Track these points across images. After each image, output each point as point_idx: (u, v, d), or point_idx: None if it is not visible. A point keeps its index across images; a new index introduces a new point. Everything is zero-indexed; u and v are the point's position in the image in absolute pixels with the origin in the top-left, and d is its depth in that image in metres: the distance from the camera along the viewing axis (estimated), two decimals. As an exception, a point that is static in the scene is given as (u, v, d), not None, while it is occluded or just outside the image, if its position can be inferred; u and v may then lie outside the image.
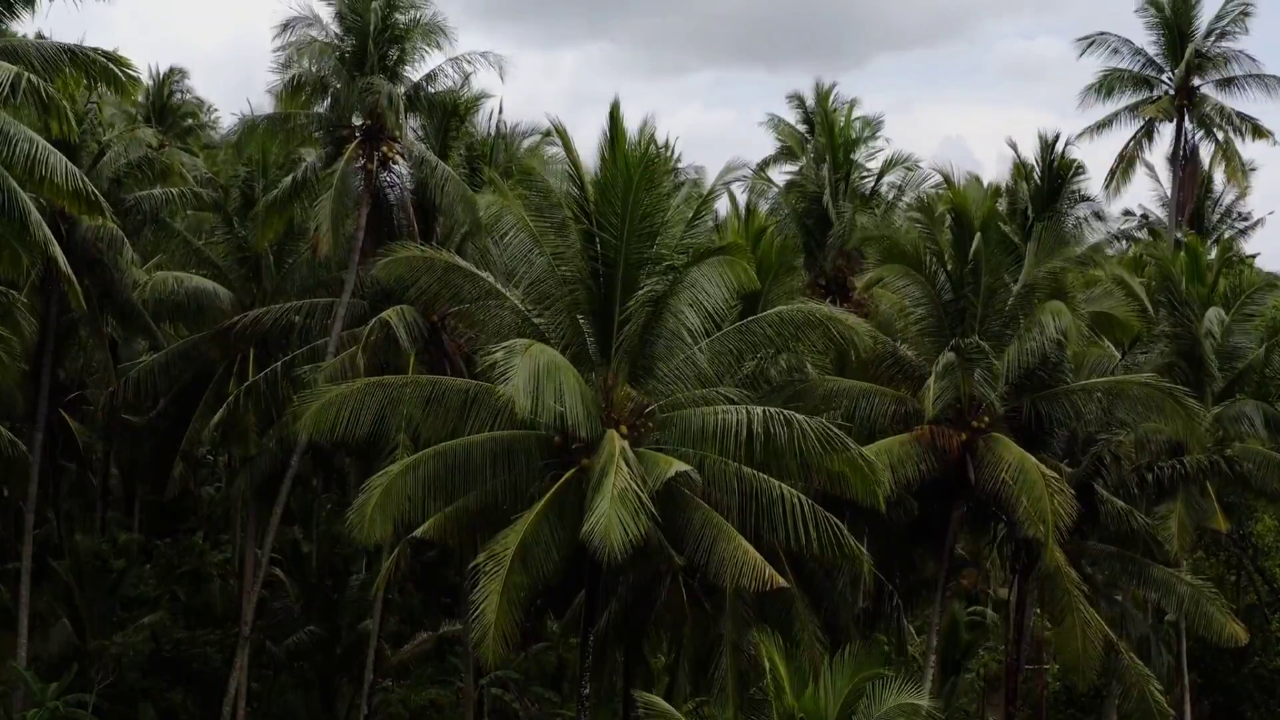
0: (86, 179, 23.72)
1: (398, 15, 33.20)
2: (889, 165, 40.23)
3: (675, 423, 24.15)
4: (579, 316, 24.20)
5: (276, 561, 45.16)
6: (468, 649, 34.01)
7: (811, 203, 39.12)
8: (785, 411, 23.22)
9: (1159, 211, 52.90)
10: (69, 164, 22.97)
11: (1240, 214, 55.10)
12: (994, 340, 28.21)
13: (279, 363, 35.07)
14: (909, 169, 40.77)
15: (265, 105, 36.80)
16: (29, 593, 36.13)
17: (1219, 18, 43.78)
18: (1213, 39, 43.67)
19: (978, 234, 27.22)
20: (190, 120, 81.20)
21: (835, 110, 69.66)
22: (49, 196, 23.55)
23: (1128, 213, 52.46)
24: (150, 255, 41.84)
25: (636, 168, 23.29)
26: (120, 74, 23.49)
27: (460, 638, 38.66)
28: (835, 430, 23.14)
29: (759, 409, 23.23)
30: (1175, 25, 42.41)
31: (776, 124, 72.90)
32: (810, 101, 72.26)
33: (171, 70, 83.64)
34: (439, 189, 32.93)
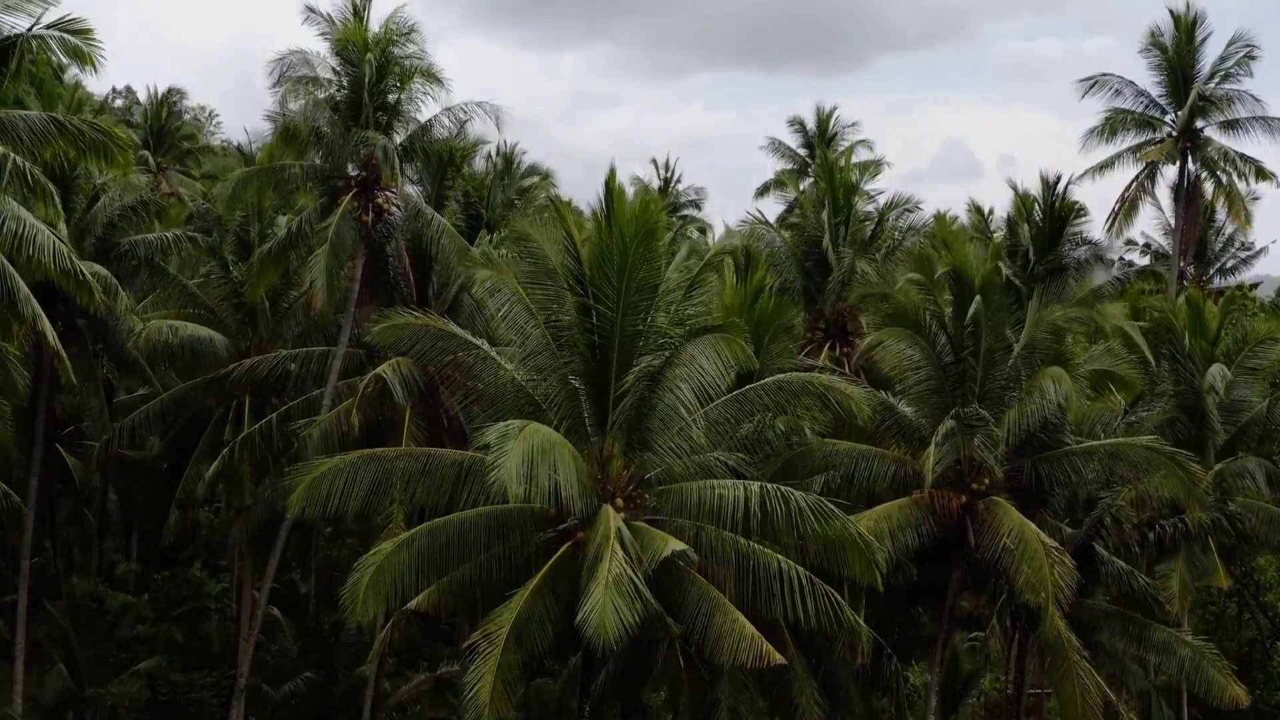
0: (74, 257, 23.46)
1: (393, 65, 32.90)
2: (889, 208, 39.91)
3: (672, 495, 23.93)
4: (575, 386, 23.95)
5: (275, 598, 44.95)
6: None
7: (811, 245, 38.80)
8: (782, 488, 22.97)
9: (1161, 239, 52.67)
10: (56, 243, 22.73)
11: (1242, 243, 54.91)
12: (994, 401, 27.98)
13: (274, 414, 34.86)
14: (909, 210, 40.48)
15: (265, 127, 36.38)
16: (24, 635, 35.95)
17: (1223, 59, 43.41)
18: (1216, 81, 43.27)
19: (977, 297, 26.94)
20: (188, 143, 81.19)
21: (835, 152, 69.98)
22: (37, 273, 23.31)
23: (1130, 242, 52.21)
24: (147, 294, 41.66)
25: (633, 240, 23.05)
26: (112, 145, 23.18)
27: (459, 679, 38.43)
28: (832, 508, 22.88)
29: (755, 485, 23.00)
30: (1179, 67, 41.94)
31: (777, 147, 73.03)
32: (810, 125, 72.55)
33: (169, 91, 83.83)
34: (435, 241, 32.69)
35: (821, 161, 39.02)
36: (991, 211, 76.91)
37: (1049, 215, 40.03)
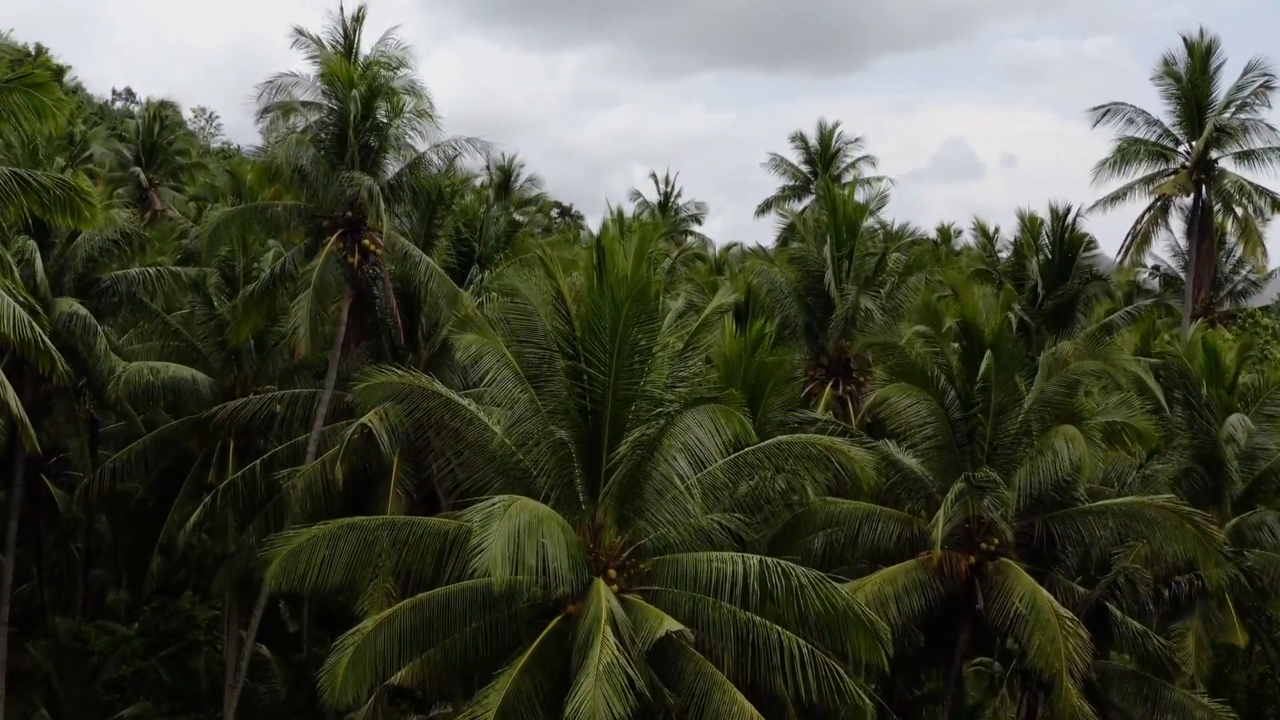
0: (36, 327, 22.36)
1: (380, 100, 31.75)
2: (894, 240, 38.77)
3: (668, 566, 22.83)
4: (566, 453, 22.84)
5: (264, 632, 43.87)
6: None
7: (812, 281, 37.66)
8: (783, 563, 21.87)
9: (1170, 259, 51.46)
10: (16, 309, 21.63)
11: (1253, 265, 53.72)
12: (1004, 457, 26.89)
13: (258, 460, 33.77)
14: (916, 242, 39.35)
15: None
16: (3, 679, 34.96)
17: (1239, 89, 42.01)
18: (1232, 110, 41.90)
19: (988, 352, 25.78)
20: (181, 158, 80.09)
21: (838, 168, 68.84)
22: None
23: (1138, 262, 50.94)
24: (129, 328, 40.60)
25: (625, 300, 21.92)
26: (79, 201, 22.09)
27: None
28: (835, 586, 21.76)
29: (755, 560, 21.88)
30: (1194, 96, 40.59)
31: (778, 163, 71.94)
32: (813, 139, 71.47)
33: (161, 105, 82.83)
34: (423, 284, 31.57)
35: (824, 194, 37.81)
36: (997, 230, 76.07)
37: (1058, 247, 38.91)
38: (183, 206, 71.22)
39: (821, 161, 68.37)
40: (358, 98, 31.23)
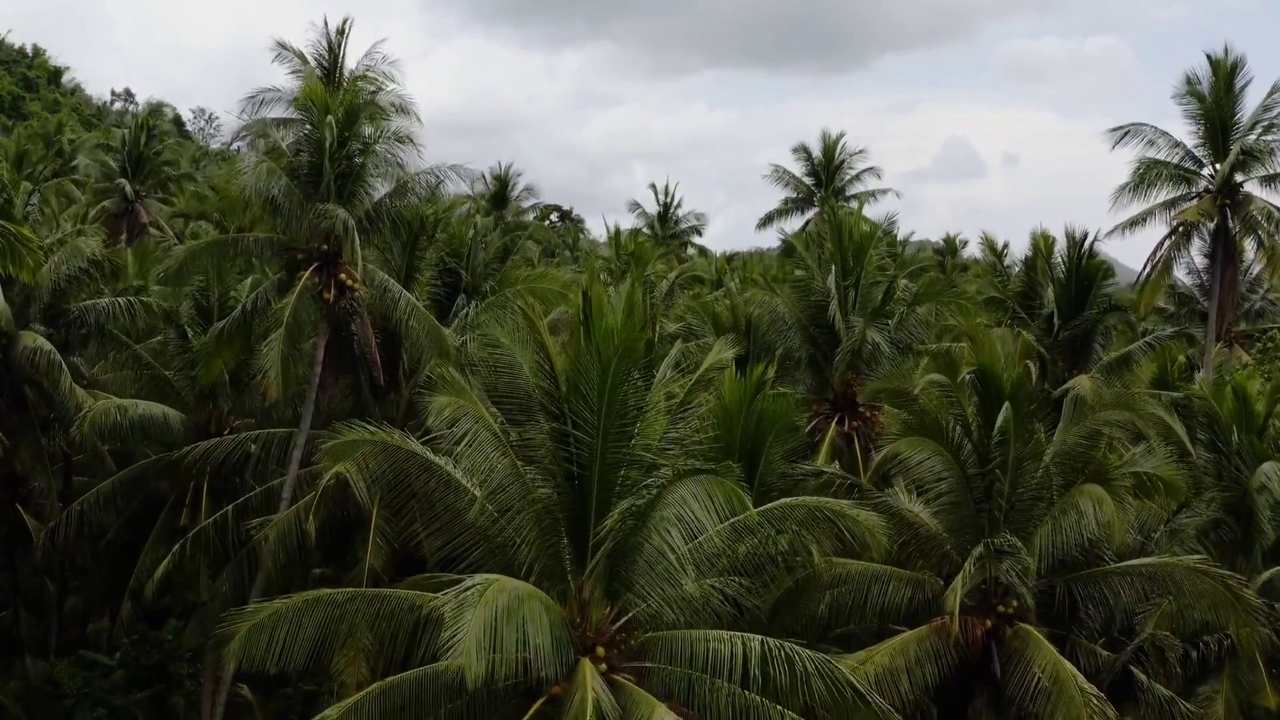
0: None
1: (359, 128, 29.88)
2: (901, 268, 36.89)
3: (661, 643, 21.00)
4: (551, 522, 21.03)
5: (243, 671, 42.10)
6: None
7: (816, 310, 35.80)
8: (787, 647, 20.04)
9: (1184, 276, 49.48)
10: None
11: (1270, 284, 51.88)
12: (1024, 514, 25.05)
13: (230, 506, 31.96)
14: (925, 267, 37.48)
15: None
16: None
17: (1265, 109, 39.75)
18: (1259, 132, 39.70)
19: (1006, 404, 23.92)
20: (169, 168, 78.28)
21: (844, 196, 66.97)
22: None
23: (1157, 295, 48.89)
24: (101, 359, 38.83)
25: (614, 357, 20.09)
26: (21, 249, 20.29)
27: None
28: (843, 672, 19.92)
29: (756, 643, 20.07)
30: (1218, 117, 38.49)
31: (780, 175, 70.07)
32: (816, 150, 69.58)
33: (150, 114, 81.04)
34: (403, 321, 29.71)
35: (830, 219, 35.88)
36: (1006, 246, 74.17)
37: (1074, 275, 37.08)
38: (169, 219, 69.49)
39: (825, 173, 66.49)
40: (333, 124, 29.31)
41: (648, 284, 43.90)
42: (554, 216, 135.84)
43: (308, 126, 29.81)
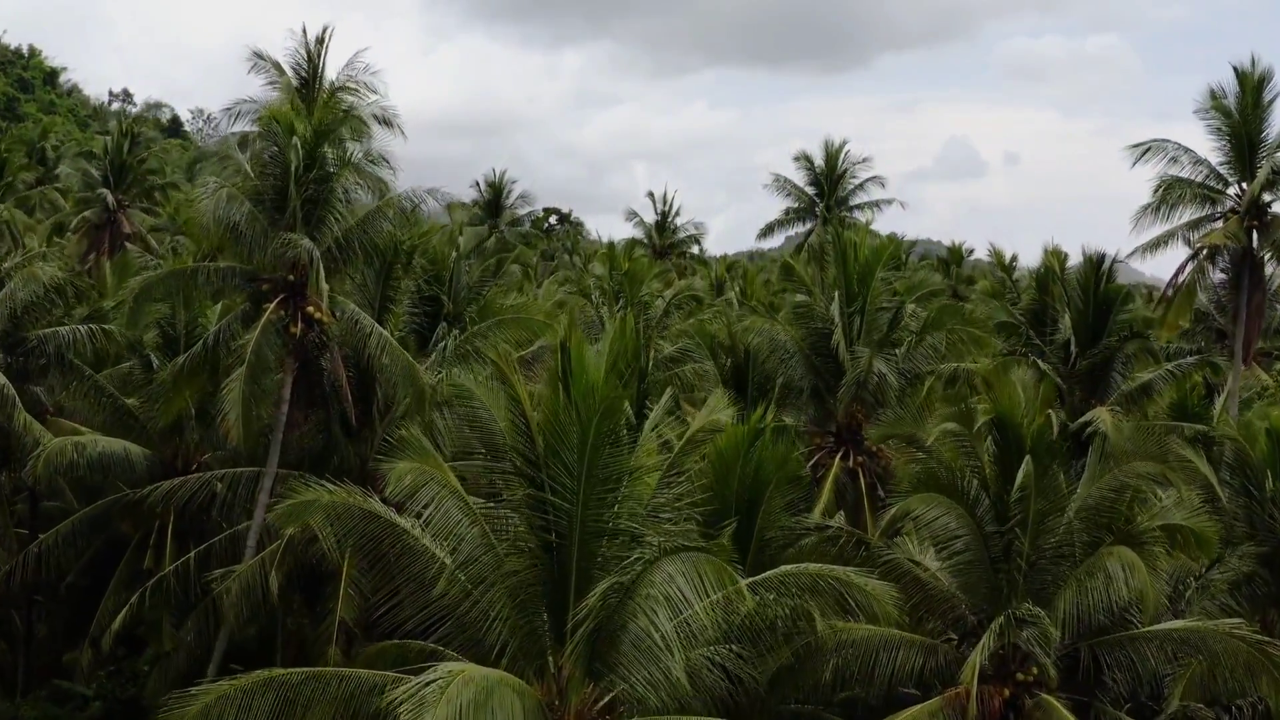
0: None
1: (328, 150, 27.82)
2: (909, 292, 34.84)
3: (647, 730, 18.98)
4: (526, 597, 19.02)
5: None
6: None
7: (819, 339, 33.75)
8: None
9: (1201, 294, 47.32)
10: None
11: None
12: (1045, 575, 23.01)
13: (192, 553, 29.95)
14: (935, 291, 35.42)
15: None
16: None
17: (1296, 124, 37.41)
18: (1289, 147, 37.18)
19: (1027, 458, 21.86)
20: (154, 177, 76.20)
21: (848, 206, 64.85)
22: None
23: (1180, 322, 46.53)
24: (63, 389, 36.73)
25: (595, 415, 18.08)
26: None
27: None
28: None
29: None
30: (1244, 133, 36.28)
31: (782, 185, 67.96)
32: (819, 160, 67.47)
33: (135, 120, 78.84)
34: (374, 357, 27.67)
35: (834, 241, 33.75)
36: (1014, 259, 72.00)
37: (1091, 301, 34.96)
38: (151, 231, 67.49)
39: (827, 182, 64.37)
40: (298, 146, 27.21)
41: (642, 305, 41.91)
42: (553, 219, 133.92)
43: (273, 147, 27.73)
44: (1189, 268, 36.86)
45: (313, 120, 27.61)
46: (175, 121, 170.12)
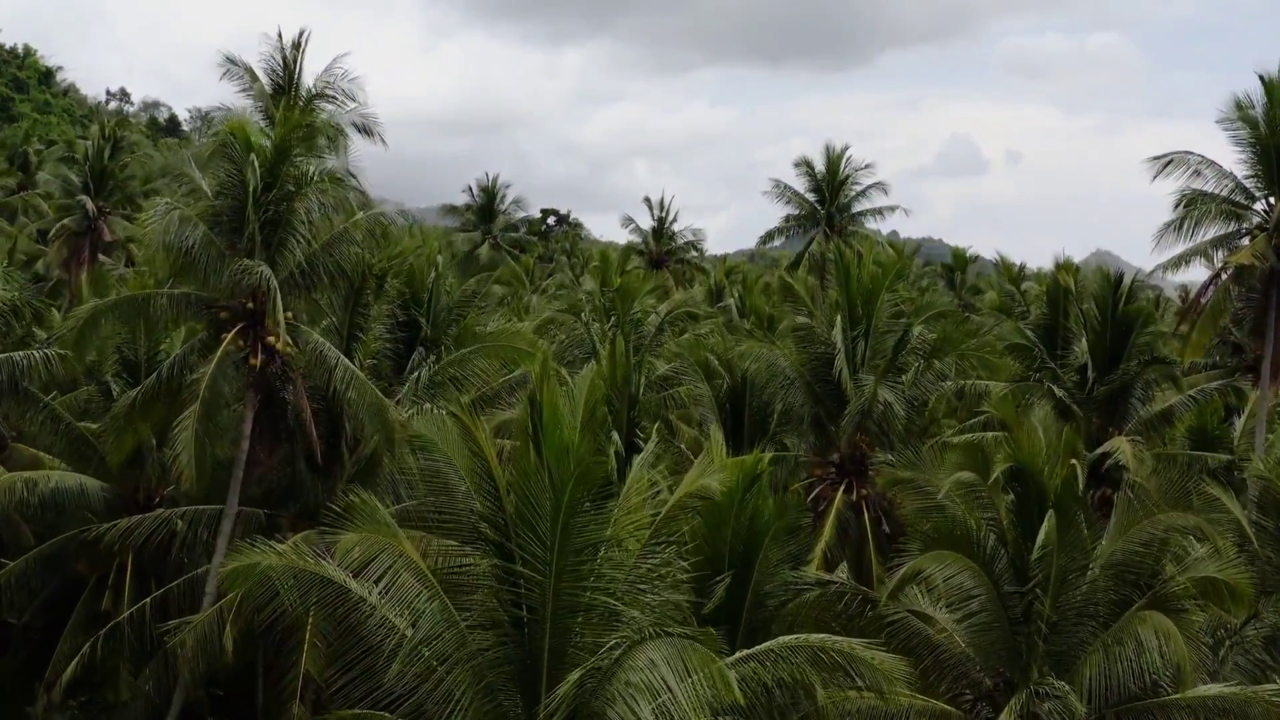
0: None
1: (289, 168, 25.74)
2: (916, 313, 32.78)
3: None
4: (492, 679, 17.02)
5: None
6: None
7: (821, 364, 31.70)
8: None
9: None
10: None
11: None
12: (1068, 638, 21.00)
13: (148, 600, 27.94)
14: (944, 311, 33.36)
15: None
16: None
17: (1329, 136, 35.05)
18: (1321, 161, 34.90)
19: (1050, 514, 19.83)
20: (134, 182, 74.17)
21: (850, 212, 62.76)
22: None
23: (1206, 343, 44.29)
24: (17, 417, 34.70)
25: (569, 480, 16.05)
26: None
27: None
28: None
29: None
30: (1273, 145, 34.08)
31: (782, 191, 65.76)
32: (820, 167, 65.30)
33: (116, 125, 76.74)
34: (340, 391, 25.63)
35: (836, 261, 31.64)
36: (1023, 268, 69.94)
37: (1109, 323, 32.91)
38: (127, 242, 65.51)
39: (829, 189, 62.18)
40: (255, 164, 25.09)
41: (634, 323, 39.89)
42: (550, 220, 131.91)
43: (226, 169, 25.68)
44: (1212, 289, 34.73)
45: (275, 136, 25.50)
46: (173, 120, 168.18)
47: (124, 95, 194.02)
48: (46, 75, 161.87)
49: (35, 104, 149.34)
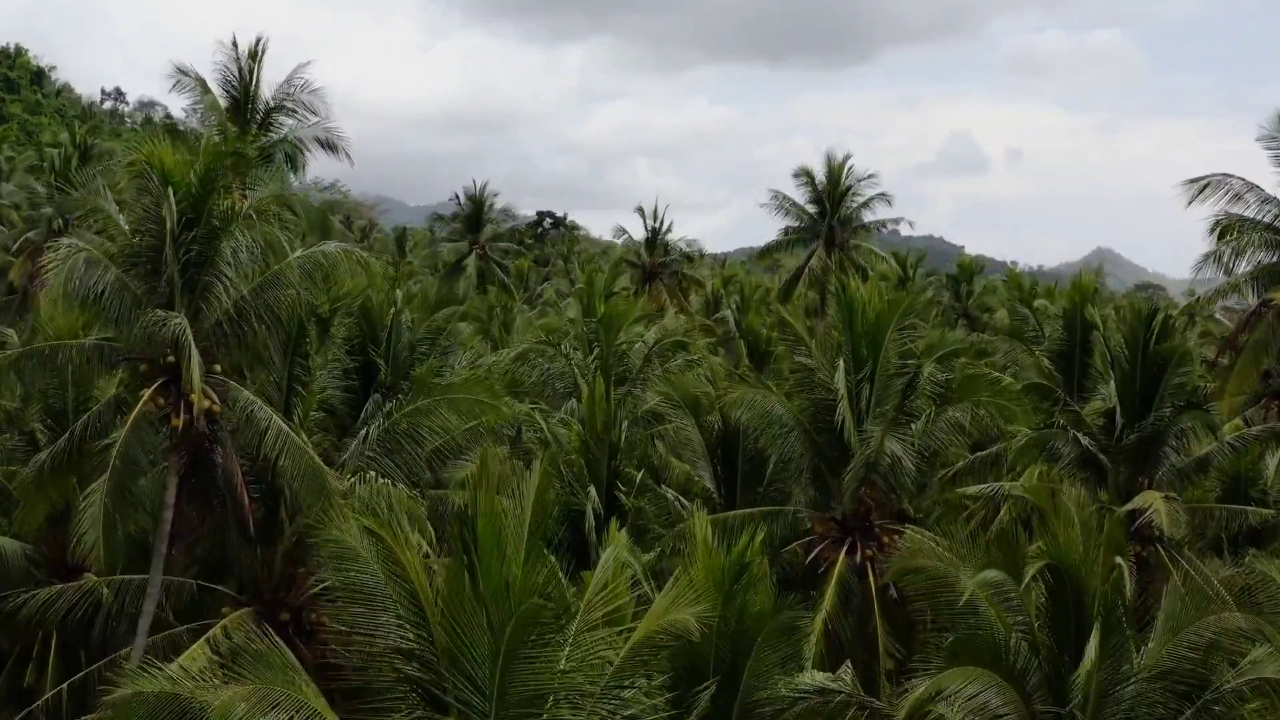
0: None
1: (214, 200, 22.55)
2: (928, 354, 29.64)
3: None
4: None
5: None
6: None
7: (822, 410, 28.57)
8: None
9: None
10: None
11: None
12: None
13: (65, 686, 24.89)
14: (958, 350, 30.26)
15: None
16: None
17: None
18: (1371, 183, 31.81)
19: (1095, 633, 16.72)
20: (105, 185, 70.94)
21: (849, 205, 59.63)
22: None
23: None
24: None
25: (509, 616, 12.95)
26: None
27: None
28: None
29: None
30: (1318, 167, 31.08)
31: (781, 202, 62.62)
32: (820, 177, 62.20)
33: (87, 132, 73.71)
34: (273, 457, 22.50)
35: (838, 296, 28.44)
36: (1034, 285, 66.68)
37: (1140, 363, 29.78)
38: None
39: (830, 201, 59.08)
40: (172, 201, 21.82)
41: (619, 355, 36.81)
42: (547, 223, 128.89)
43: (143, 204, 22.54)
44: (1255, 325, 31.59)
45: (198, 166, 22.31)
46: (169, 120, 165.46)
47: (119, 95, 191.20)
48: (38, 75, 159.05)
49: (26, 104, 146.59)
